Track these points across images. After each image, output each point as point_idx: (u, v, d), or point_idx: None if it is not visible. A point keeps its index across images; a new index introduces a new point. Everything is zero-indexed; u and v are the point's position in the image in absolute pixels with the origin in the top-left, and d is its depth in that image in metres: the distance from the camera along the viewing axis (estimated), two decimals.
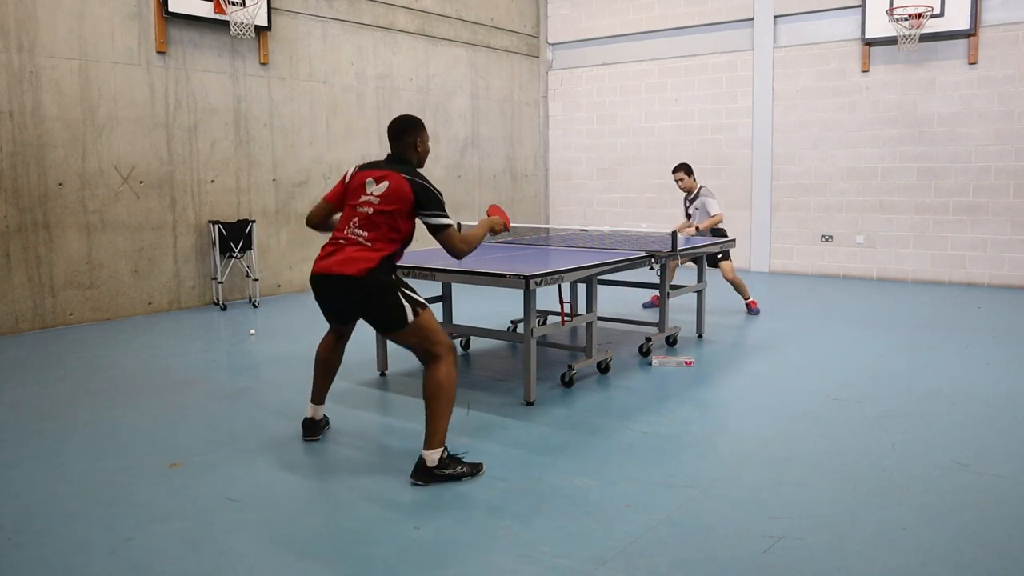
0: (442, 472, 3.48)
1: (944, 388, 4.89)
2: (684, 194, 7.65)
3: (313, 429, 4.07)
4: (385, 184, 3.62)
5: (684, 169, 7.50)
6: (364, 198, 3.65)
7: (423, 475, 3.47)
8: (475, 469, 3.57)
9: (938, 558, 2.78)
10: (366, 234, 3.60)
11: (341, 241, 3.65)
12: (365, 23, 9.52)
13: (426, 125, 10.29)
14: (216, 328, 7.13)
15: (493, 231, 4.01)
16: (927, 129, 9.24)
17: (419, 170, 3.75)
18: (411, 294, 3.60)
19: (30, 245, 6.85)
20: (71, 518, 3.15)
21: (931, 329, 6.72)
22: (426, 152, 3.84)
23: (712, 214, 7.29)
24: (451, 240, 3.67)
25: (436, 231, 3.63)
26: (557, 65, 12.20)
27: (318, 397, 4.09)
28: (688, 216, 7.62)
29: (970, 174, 9.03)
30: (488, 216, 4.09)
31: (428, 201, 3.60)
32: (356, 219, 3.64)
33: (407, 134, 3.77)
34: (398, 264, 3.84)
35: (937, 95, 9.15)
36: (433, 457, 3.48)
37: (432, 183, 3.68)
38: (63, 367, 5.64)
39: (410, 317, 3.53)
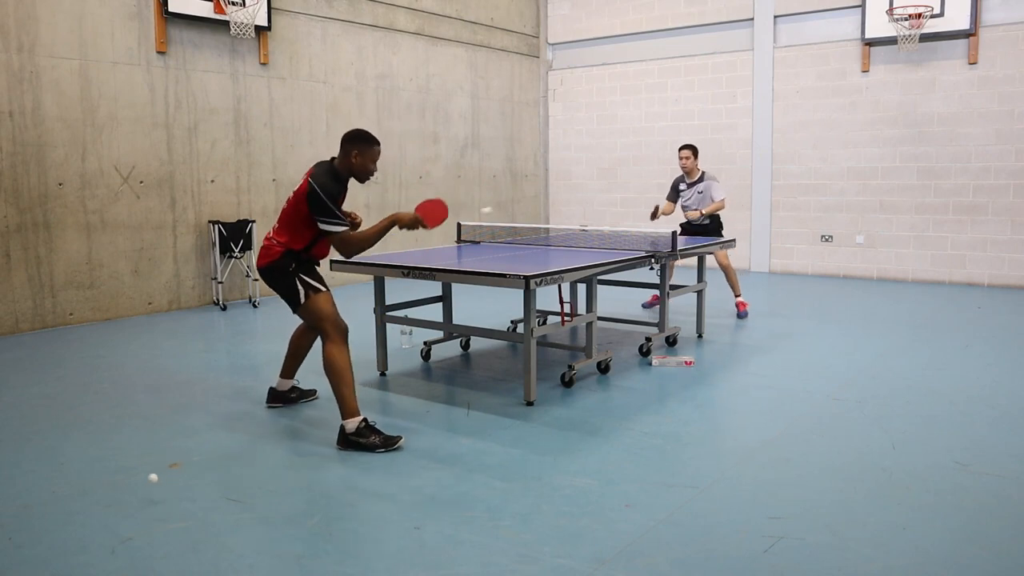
0: (356, 440, 3.85)
1: (944, 388, 4.89)
2: (677, 178, 7.57)
3: (274, 397, 4.58)
4: (300, 181, 4.01)
5: (692, 149, 7.41)
6: (292, 192, 4.05)
7: (342, 441, 3.89)
8: (390, 441, 3.87)
9: (938, 558, 2.78)
10: (278, 227, 4.09)
11: (269, 231, 4.17)
12: (365, 23, 9.52)
13: (425, 125, 10.39)
14: (216, 328, 7.13)
15: (403, 226, 4.08)
16: (927, 129, 9.24)
17: (348, 179, 4.01)
18: (308, 279, 4.05)
19: (30, 245, 6.85)
20: (71, 518, 3.15)
21: (931, 329, 6.72)
22: (361, 167, 4.01)
23: (717, 199, 7.24)
24: (335, 242, 4.00)
25: (325, 235, 3.99)
26: (557, 65, 12.20)
27: (285, 372, 4.57)
28: (671, 200, 7.57)
29: (970, 174, 9.03)
30: (414, 210, 4.18)
31: (315, 205, 3.89)
32: (281, 212, 4.11)
33: (348, 143, 4.01)
34: (309, 257, 4.13)
35: (937, 95, 9.15)
36: (350, 425, 3.87)
37: (329, 188, 3.86)
38: (63, 367, 5.64)
39: (302, 299, 4.04)
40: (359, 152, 3.99)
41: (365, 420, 3.91)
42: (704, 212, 7.20)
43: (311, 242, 4.05)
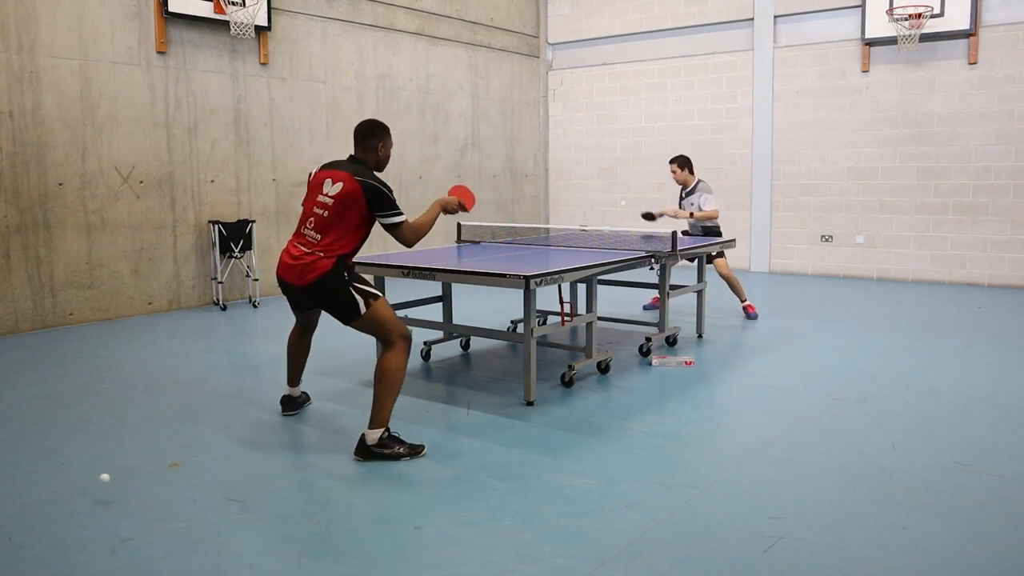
0: (380, 451, 3.73)
1: (944, 388, 4.89)
2: (680, 187, 7.57)
3: (290, 405, 4.51)
4: (339, 185, 3.80)
5: (678, 162, 7.35)
6: (320, 198, 3.84)
7: (362, 451, 3.75)
8: (415, 450, 3.78)
9: (938, 558, 2.78)
10: (320, 237, 3.81)
11: (299, 244, 3.86)
12: (365, 23, 9.52)
13: (425, 125, 10.38)
14: (216, 328, 7.13)
15: (447, 211, 4.18)
16: (927, 129, 9.24)
17: (376, 173, 3.93)
18: (363, 287, 3.84)
19: (30, 245, 6.85)
20: (71, 518, 3.15)
21: (931, 329, 6.72)
22: (386, 157, 4.02)
23: (706, 209, 7.18)
24: (402, 234, 3.88)
25: (390, 228, 3.86)
26: (557, 65, 12.20)
27: (292, 380, 4.49)
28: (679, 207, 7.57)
29: (970, 174, 9.03)
30: (447, 195, 4.29)
31: (379, 201, 3.78)
32: (312, 220, 3.85)
33: (371, 137, 3.95)
34: (354, 262, 4.07)
35: (937, 95, 9.15)
36: (373, 436, 3.74)
37: (382, 182, 3.83)
38: (63, 367, 5.63)
39: (362, 309, 3.79)
40: (383, 144, 3.97)
41: (387, 430, 3.79)
42: (695, 216, 7.16)
43: (357, 246, 3.90)
